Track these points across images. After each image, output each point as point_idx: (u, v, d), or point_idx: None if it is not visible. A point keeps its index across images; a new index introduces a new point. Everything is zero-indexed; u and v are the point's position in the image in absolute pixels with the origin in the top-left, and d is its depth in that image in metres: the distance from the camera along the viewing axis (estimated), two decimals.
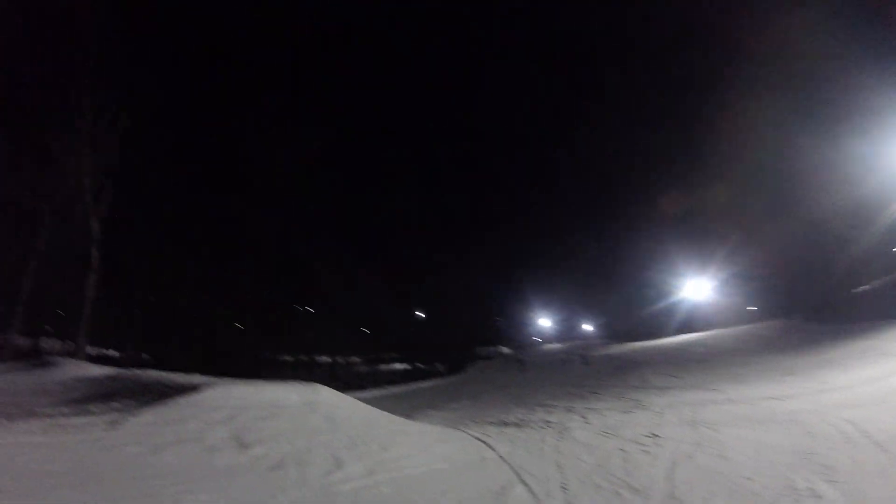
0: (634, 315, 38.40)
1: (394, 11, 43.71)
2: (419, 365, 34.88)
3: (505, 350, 46.27)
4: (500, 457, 7.73)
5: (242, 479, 5.83)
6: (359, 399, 12.00)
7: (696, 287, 35.14)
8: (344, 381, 25.81)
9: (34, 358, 15.12)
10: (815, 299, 25.35)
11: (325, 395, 10.20)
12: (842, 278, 25.19)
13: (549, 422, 10.70)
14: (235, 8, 33.97)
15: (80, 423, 6.78)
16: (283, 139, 29.61)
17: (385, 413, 10.61)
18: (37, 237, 19.85)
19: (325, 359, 34.61)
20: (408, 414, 12.91)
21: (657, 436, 8.32)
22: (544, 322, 52.33)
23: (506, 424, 10.84)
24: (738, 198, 28.71)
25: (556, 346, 45.10)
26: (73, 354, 18.53)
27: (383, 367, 36.66)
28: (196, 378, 10.27)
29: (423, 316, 38.12)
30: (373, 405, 11.08)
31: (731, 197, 29.34)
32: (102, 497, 4.70)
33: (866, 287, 25.09)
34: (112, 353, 26.85)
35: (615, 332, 41.66)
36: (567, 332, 51.59)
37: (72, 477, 5.03)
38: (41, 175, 19.05)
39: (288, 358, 34.48)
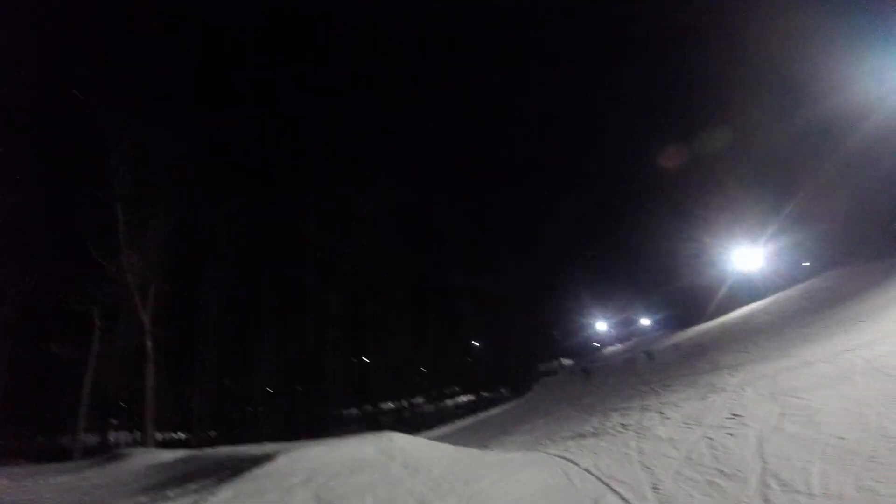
0: (689, 298, 37.54)
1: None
2: (483, 394, 34.63)
3: (567, 362, 45.68)
4: (586, 470, 7.62)
5: None
6: (430, 438, 11.99)
7: (746, 256, 34.26)
8: (412, 424, 25.79)
9: (104, 453, 15.46)
10: (869, 241, 24.46)
11: (399, 442, 10.20)
12: (892, 217, 24.30)
13: (626, 425, 10.51)
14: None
15: None
16: (336, 202, 30.43)
17: (461, 448, 10.57)
18: (91, 337, 20.65)
19: (389, 405, 34.67)
20: (482, 444, 12.83)
21: (739, 416, 8.12)
22: (601, 325, 51.56)
23: (583, 436, 10.68)
24: (773, 154, 28.06)
25: (616, 347, 44.33)
26: (141, 443, 19.12)
27: (448, 402, 36.53)
28: (268, 447, 10.34)
29: (479, 345, 37.93)
30: (445, 442, 11.06)
31: (765, 155, 28.72)
32: None
33: None
34: (180, 435, 27.39)
35: (673, 319, 40.77)
36: (625, 331, 50.72)
37: None
38: (86, 278, 19.93)
39: (354, 411, 34.66)
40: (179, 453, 12.51)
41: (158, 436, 23.70)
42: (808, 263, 33.38)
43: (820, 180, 25.74)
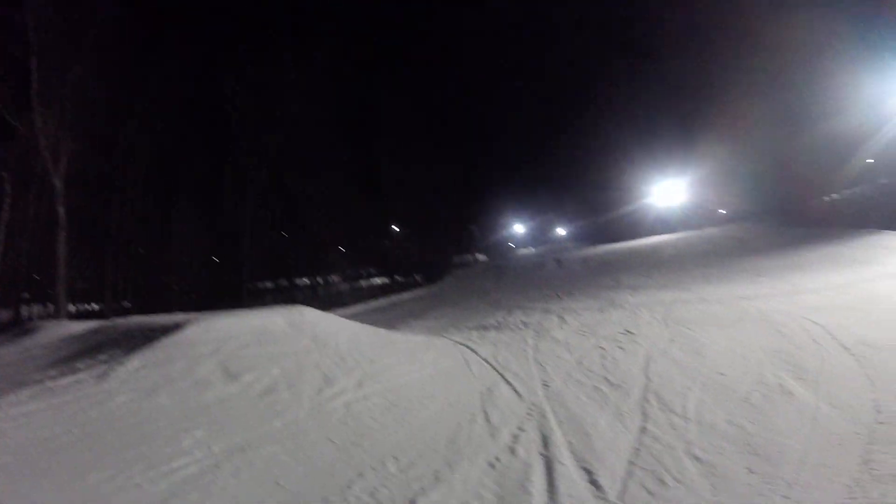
0: (606, 218, 39.02)
1: None
2: (398, 278, 35.30)
3: (481, 257, 47.09)
4: (484, 359, 8.04)
5: (235, 409, 5.92)
6: (342, 316, 12.20)
7: (668, 190, 35.66)
8: (325, 301, 26.09)
9: (16, 327, 14.84)
10: (787, 204, 25.93)
11: (309, 316, 10.30)
12: (814, 185, 25.66)
13: (527, 323, 11.09)
14: None
15: (69, 382, 6.71)
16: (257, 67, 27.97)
17: (369, 327, 10.84)
18: (0, 205, 19.21)
19: (305, 281, 34.74)
20: (391, 326, 13.21)
21: (632, 333, 8.71)
22: (518, 228, 53.10)
23: (486, 328, 11.20)
24: (714, 100, 28.49)
25: (530, 250, 46.02)
26: (54, 316, 18.29)
27: (363, 283, 37.05)
28: (178, 317, 10.20)
29: (398, 229, 38.16)
30: (356, 321, 11.30)
31: (706, 99, 29.13)
32: (101, 453, 4.72)
33: (837, 195, 25.72)
34: (94, 307, 26.44)
35: (587, 234, 42.51)
36: (540, 236, 52.57)
37: (68, 439, 5.03)
38: None
39: (269, 284, 34.52)
40: (91, 324, 12.12)
41: (72, 307, 22.71)
42: (724, 211, 35.29)
43: (752, 136, 26.61)
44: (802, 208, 25.26)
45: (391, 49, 48.93)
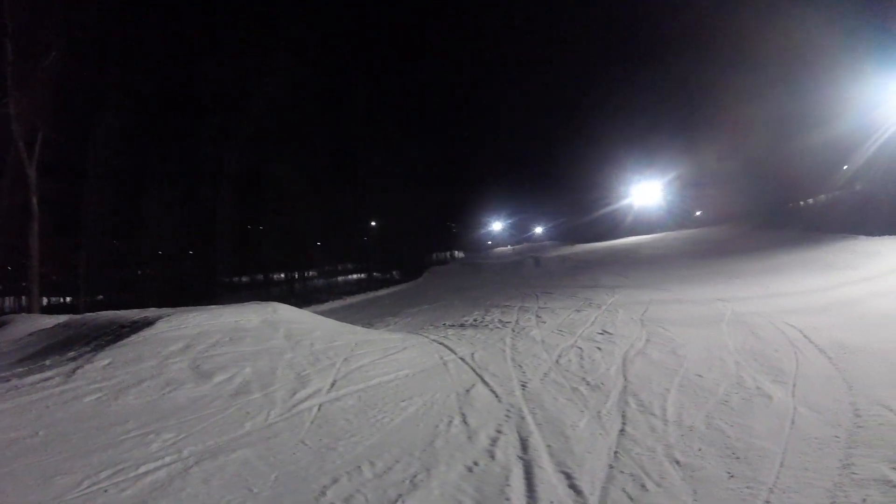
0: (584, 218, 39.31)
1: None
2: (375, 274, 35.10)
3: (459, 254, 47.08)
4: (461, 358, 7.94)
5: (206, 411, 5.79)
6: (318, 312, 12.01)
7: (646, 191, 36.00)
8: (301, 296, 25.80)
9: None
10: (764, 207, 26.32)
11: (284, 313, 10.12)
12: (791, 189, 26.06)
13: (504, 322, 11.02)
14: None
15: (36, 380, 6.53)
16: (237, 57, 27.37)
17: (346, 325, 10.68)
18: None
19: (281, 276, 34.31)
20: (368, 323, 13.07)
21: (609, 333, 8.70)
22: (497, 226, 53.22)
23: (464, 327, 11.11)
24: (696, 104, 28.81)
25: (508, 248, 46.11)
26: (27, 309, 17.91)
27: (340, 278, 36.75)
28: (150, 312, 9.96)
29: (377, 225, 37.91)
30: (332, 317, 11.12)
31: (689, 103, 29.44)
32: (68, 456, 4.59)
33: (812, 200, 26.19)
34: (67, 300, 25.80)
35: (566, 234, 42.79)
36: (519, 234, 52.76)
37: (33, 441, 4.89)
38: None
39: (245, 279, 34.03)
40: (62, 318, 11.87)
41: (45, 300, 22.30)
42: (700, 213, 35.76)
43: (731, 140, 26.93)
44: (779, 212, 25.67)
45: (376, 41, 48.55)
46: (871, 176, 19.40)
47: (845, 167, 23.01)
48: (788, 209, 26.52)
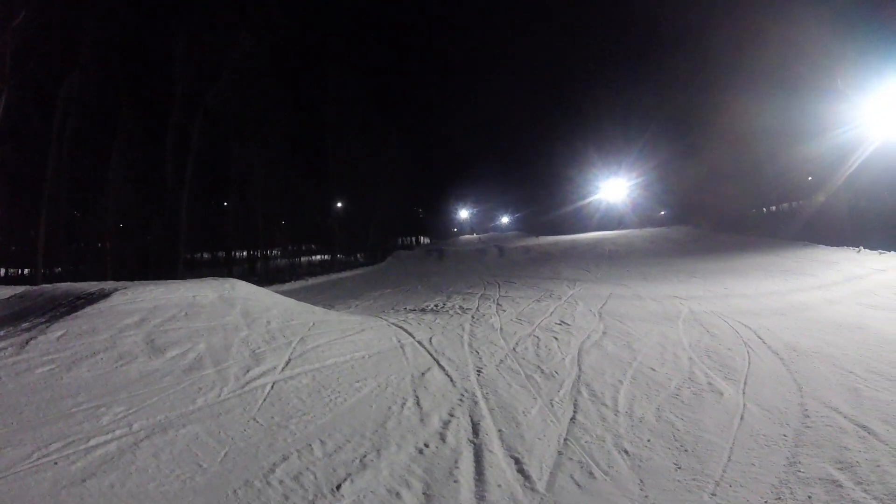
0: (550, 211, 39.64)
1: None
2: (339, 256, 34.76)
3: (424, 240, 47.00)
4: (418, 342, 7.86)
5: (158, 385, 5.67)
6: (279, 293, 11.79)
7: (613, 188, 36.43)
8: (263, 276, 25.34)
9: None
10: (726, 211, 26.89)
11: (242, 290, 9.90)
12: (755, 196, 26.64)
13: (465, 308, 10.99)
14: None
15: None
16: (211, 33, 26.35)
17: (304, 304, 10.49)
18: None
19: (243, 254, 33.64)
20: (328, 305, 12.89)
21: (567, 324, 8.74)
22: (463, 213, 53.31)
23: (424, 311, 11.05)
24: (667, 103, 29.12)
25: (473, 237, 46.25)
26: None
27: (303, 259, 36.25)
28: (107, 285, 9.65)
29: (342, 207, 37.49)
30: (292, 297, 10.91)
31: (660, 102, 29.74)
32: (18, 428, 4.45)
33: (775, 207, 26.87)
34: (25, 272, 24.70)
35: (531, 225, 43.11)
36: (485, 223, 53.00)
37: None
38: None
39: (207, 256, 33.24)
40: (17, 290, 11.58)
41: (2, 271, 21.59)
42: (664, 213, 36.38)
43: (700, 143, 27.35)
44: (742, 216, 26.27)
45: (346, 22, 47.45)
46: (834, 188, 19.95)
47: (809, 178, 23.66)
48: (751, 214, 27.16)
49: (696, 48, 25.69)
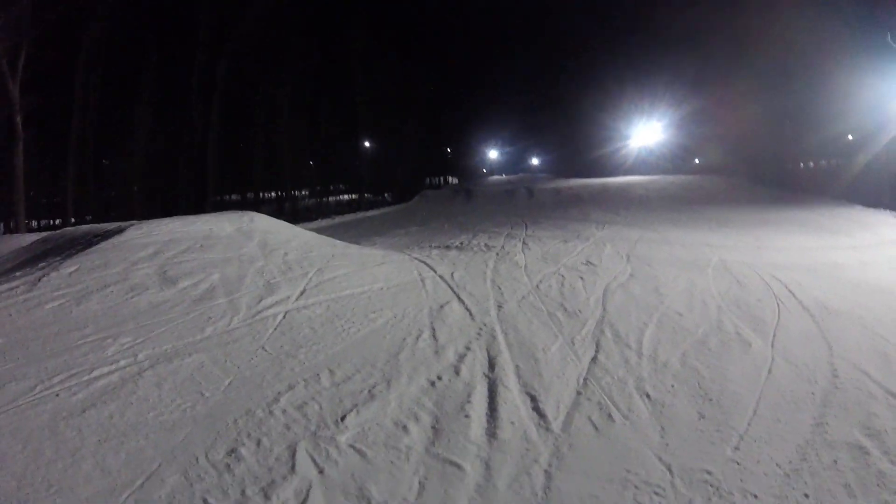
0: (582, 153, 38.62)
1: None
2: (367, 195, 34.65)
3: (453, 180, 46.46)
4: (440, 276, 7.73)
5: (167, 315, 5.64)
6: (306, 230, 11.73)
7: (647, 131, 35.19)
8: (292, 215, 25.38)
9: None
10: (763, 163, 25.86)
11: (261, 224, 9.82)
12: (794, 150, 25.52)
13: (490, 246, 10.78)
14: None
15: (3, 290, 6.33)
16: None
17: (326, 238, 10.42)
18: None
19: (272, 195, 33.73)
20: (353, 241, 12.79)
21: (594, 265, 8.48)
22: (492, 154, 52.32)
23: (448, 248, 10.86)
24: (708, 45, 27.49)
25: (502, 177, 45.50)
26: (13, 230, 17.45)
27: (331, 199, 36.28)
28: (126, 223, 9.66)
29: (370, 146, 36.99)
30: (318, 234, 10.83)
31: (701, 43, 28.07)
32: (24, 362, 4.45)
33: (813, 164, 25.71)
34: (56, 222, 24.94)
35: (561, 168, 42.17)
36: (514, 164, 51.99)
37: None
38: None
39: (236, 197, 33.41)
40: (41, 235, 11.65)
41: (34, 223, 21.87)
42: (698, 161, 35.16)
43: (740, 91, 25.92)
44: (779, 170, 25.25)
45: None
46: (875, 150, 18.96)
47: (850, 136, 22.52)
48: (787, 169, 26.09)
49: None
